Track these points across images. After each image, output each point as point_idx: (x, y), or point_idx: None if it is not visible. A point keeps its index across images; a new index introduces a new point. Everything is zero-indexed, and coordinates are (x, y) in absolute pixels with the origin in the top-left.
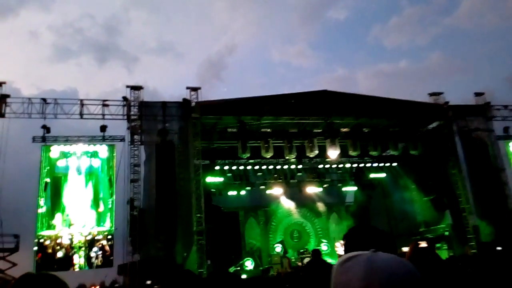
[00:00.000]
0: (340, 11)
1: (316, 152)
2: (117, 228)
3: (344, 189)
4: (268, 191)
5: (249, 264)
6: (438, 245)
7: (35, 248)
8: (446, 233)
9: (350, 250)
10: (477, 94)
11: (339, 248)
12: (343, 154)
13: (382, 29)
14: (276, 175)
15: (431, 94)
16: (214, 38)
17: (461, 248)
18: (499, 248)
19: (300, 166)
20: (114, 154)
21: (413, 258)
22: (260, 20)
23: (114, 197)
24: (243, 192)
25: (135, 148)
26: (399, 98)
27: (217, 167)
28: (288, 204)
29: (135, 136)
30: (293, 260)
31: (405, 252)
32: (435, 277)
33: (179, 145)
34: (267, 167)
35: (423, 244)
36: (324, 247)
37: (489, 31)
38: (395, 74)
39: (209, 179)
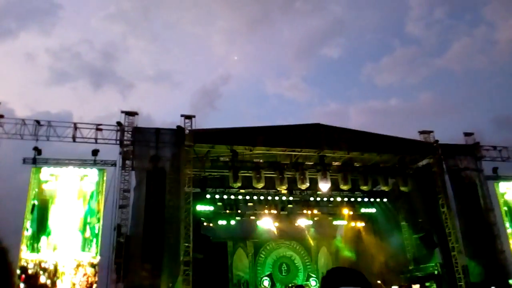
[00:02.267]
0: (334, 49)
1: (308, 184)
2: (103, 255)
3: (334, 222)
4: (258, 222)
5: None
6: (427, 284)
7: (18, 271)
8: (436, 272)
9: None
10: (467, 134)
11: None
12: (334, 187)
13: (374, 68)
14: (267, 206)
15: (421, 132)
16: (210, 68)
17: None
18: None
19: (291, 198)
20: (104, 179)
21: None
22: (256, 54)
23: (101, 222)
24: (233, 222)
25: (126, 174)
26: (390, 135)
27: (208, 196)
28: (278, 236)
29: (127, 162)
30: None
31: None
32: None
33: (170, 172)
34: (258, 198)
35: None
36: (312, 282)
37: (477, 73)
38: (386, 111)
39: (199, 207)
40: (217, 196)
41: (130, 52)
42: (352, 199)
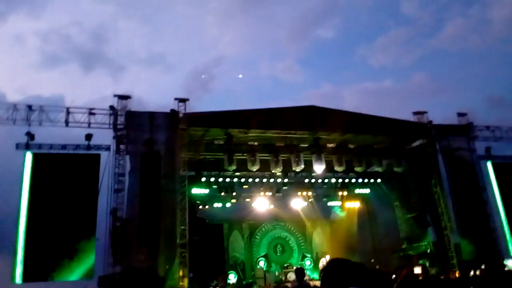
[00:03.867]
0: (328, 30)
1: (302, 166)
2: (99, 239)
3: (329, 203)
4: (253, 204)
5: (232, 278)
6: (420, 261)
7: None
8: (428, 250)
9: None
10: (460, 115)
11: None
12: (329, 169)
13: (368, 49)
14: (262, 188)
15: (415, 113)
16: (203, 50)
17: (443, 265)
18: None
19: (286, 180)
20: (99, 163)
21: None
22: (250, 35)
23: (97, 206)
24: (228, 205)
25: (120, 158)
26: (384, 116)
27: (203, 179)
28: (273, 218)
29: (121, 146)
30: (276, 274)
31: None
32: None
33: (165, 156)
34: (253, 180)
35: (417, 269)
36: (307, 262)
37: (471, 53)
38: (380, 92)
39: (195, 190)
40: (212, 179)
41: (121, 34)
42: (346, 180)
